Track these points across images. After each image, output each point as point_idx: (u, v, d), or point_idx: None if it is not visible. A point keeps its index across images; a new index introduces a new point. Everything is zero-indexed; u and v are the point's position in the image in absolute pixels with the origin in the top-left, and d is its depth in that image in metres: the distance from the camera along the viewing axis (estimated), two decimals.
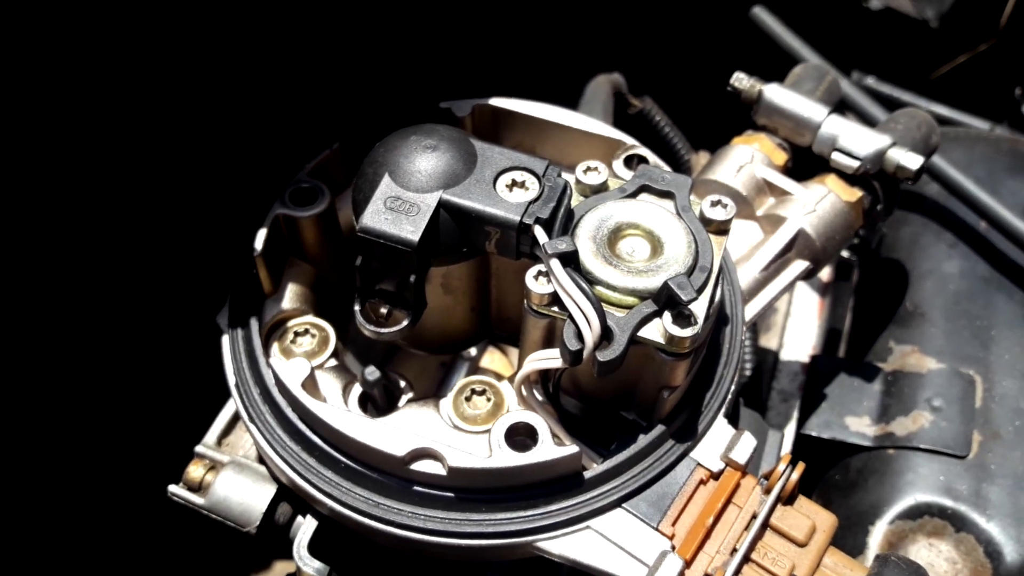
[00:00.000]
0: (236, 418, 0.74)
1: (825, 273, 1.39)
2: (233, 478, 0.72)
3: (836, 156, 0.92)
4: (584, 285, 0.63)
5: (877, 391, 1.08)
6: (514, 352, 1.01)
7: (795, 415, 1.25)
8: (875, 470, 1.01)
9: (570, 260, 0.64)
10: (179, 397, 0.80)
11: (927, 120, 1.01)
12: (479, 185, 0.67)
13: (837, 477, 1.04)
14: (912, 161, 0.90)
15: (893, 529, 0.95)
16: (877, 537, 0.95)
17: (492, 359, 1.01)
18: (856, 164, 0.91)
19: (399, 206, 0.66)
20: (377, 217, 0.65)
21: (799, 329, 1.37)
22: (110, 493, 0.76)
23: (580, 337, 0.62)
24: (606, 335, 0.63)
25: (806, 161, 0.99)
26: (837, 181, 0.92)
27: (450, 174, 0.67)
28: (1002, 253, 1.16)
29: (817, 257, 0.89)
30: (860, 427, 1.05)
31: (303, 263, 0.80)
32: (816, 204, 0.89)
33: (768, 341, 1.37)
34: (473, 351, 0.98)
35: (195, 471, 0.73)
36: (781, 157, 0.95)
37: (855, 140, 0.91)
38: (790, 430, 1.18)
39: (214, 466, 0.73)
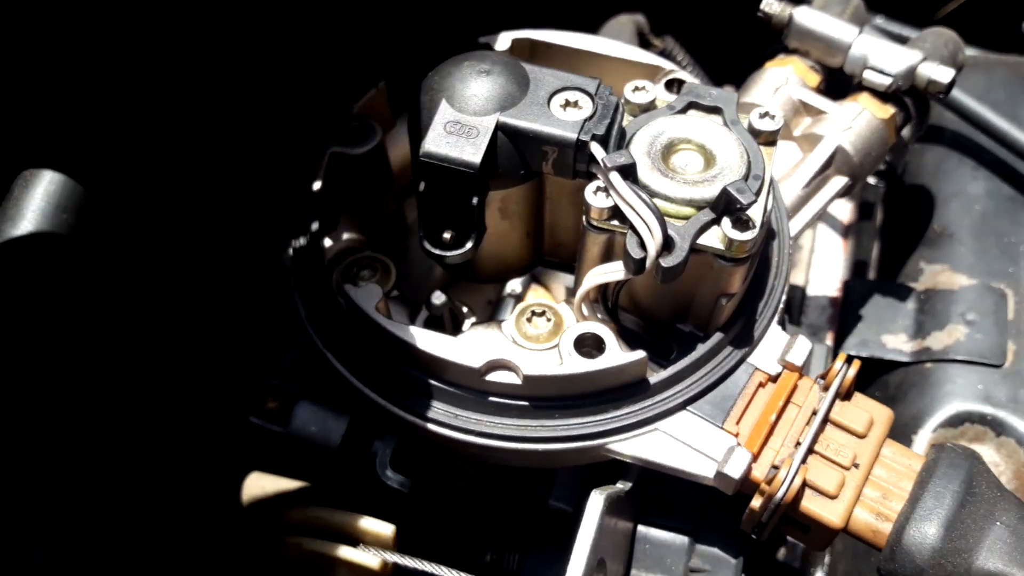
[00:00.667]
0: (306, 349, 0.76)
1: (847, 214, 1.41)
2: (309, 405, 0.75)
3: (868, 74, 0.94)
4: (644, 195, 0.65)
5: (911, 309, 1.11)
6: (558, 284, 1.04)
7: (828, 345, 1.27)
8: (914, 384, 1.04)
9: (629, 173, 0.66)
10: (246, 335, 0.83)
11: (953, 37, 1.02)
12: (534, 106, 0.69)
13: (877, 394, 1.07)
14: (944, 74, 0.92)
15: (936, 437, 0.98)
16: (921, 445, 0.98)
17: (536, 294, 1.03)
18: (888, 81, 0.93)
19: (458, 130, 0.68)
20: (438, 142, 0.67)
21: (825, 264, 1.39)
22: (190, 427, 0.80)
23: (643, 245, 0.65)
24: (667, 243, 0.65)
25: (838, 83, 1.01)
26: (870, 99, 0.94)
27: (505, 96, 0.69)
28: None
29: (855, 173, 0.91)
30: (897, 344, 1.08)
31: (357, 200, 0.82)
32: (852, 121, 0.91)
33: (794, 278, 1.38)
34: (519, 286, 1.00)
35: (272, 402, 0.76)
36: (814, 79, 0.97)
37: (886, 57, 0.93)
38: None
39: (290, 395, 0.76)
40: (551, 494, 0.78)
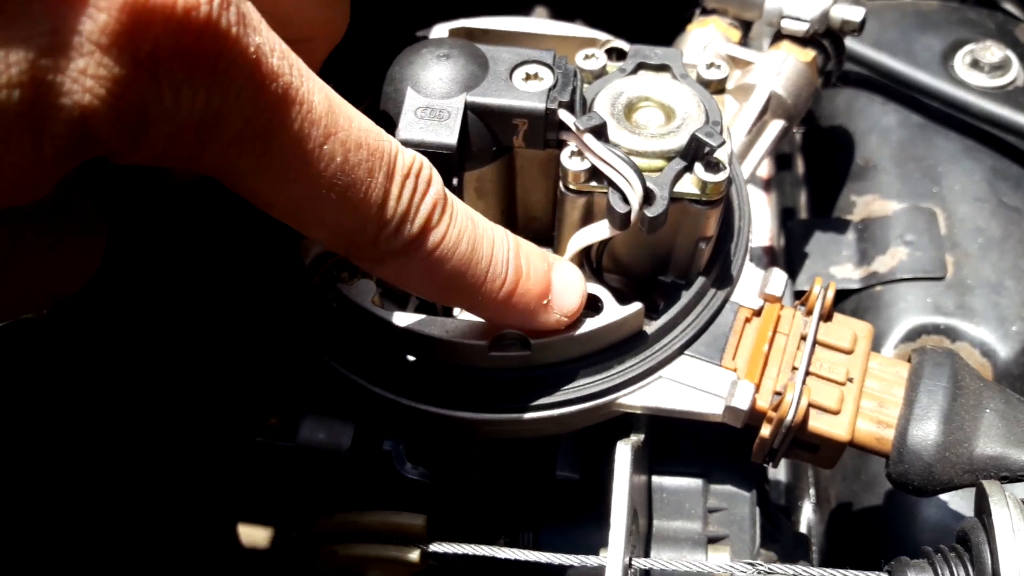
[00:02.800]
0: (302, 361, 0.75)
1: (765, 169, 1.48)
2: (313, 415, 0.74)
3: (786, 23, 0.99)
4: (619, 152, 0.67)
5: (852, 240, 1.17)
6: None
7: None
8: (869, 307, 1.10)
9: (601, 133, 0.68)
10: (237, 357, 0.81)
11: None
12: (498, 82, 0.70)
13: None
14: (855, 13, 0.98)
15: (898, 353, 1.04)
16: None
17: None
18: (806, 26, 0.98)
19: (429, 114, 0.68)
20: (412, 128, 0.68)
21: (753, 217, 1.45)
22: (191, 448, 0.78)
23: (626, 200, 0.67)
24: (648, 195, 0.67)
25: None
26: (791, 45, 0.99)
27: (469, 77, 0.70)
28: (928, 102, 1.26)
29: (791, 114, 0.96)
30: (845, 273, 1.14)
31: None
32: (780, 67, 0.96)
33: None
34: None
35: (276, 420, 0.74)
36: (735, 34, 1.02)
37: (800, 5, 0.99)
38: None
39: (291, 410, 0.75)
40: (556, 464, 0.80)
